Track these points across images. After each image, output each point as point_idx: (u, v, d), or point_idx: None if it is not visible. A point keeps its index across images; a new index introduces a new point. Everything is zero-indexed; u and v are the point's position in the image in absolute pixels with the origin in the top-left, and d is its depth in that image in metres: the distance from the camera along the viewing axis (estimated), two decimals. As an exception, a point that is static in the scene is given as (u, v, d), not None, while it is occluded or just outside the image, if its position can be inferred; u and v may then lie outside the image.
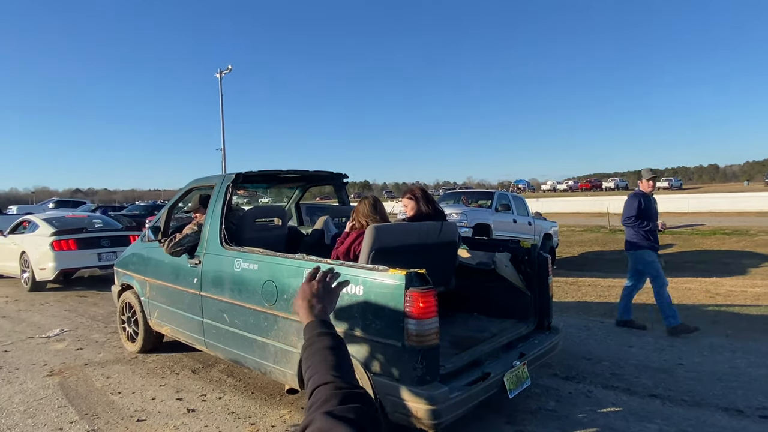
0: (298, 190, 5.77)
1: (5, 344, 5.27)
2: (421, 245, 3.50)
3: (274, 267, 3.37)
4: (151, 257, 4.66)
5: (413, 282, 2.60)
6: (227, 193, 4.01)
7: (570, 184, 67.16)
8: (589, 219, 24.61)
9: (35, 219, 8.95)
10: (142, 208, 18.62)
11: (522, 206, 11.50)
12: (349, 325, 2.83)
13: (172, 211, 4.82)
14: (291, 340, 3.21)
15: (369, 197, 3.71)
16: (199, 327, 4.01)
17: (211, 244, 3.93)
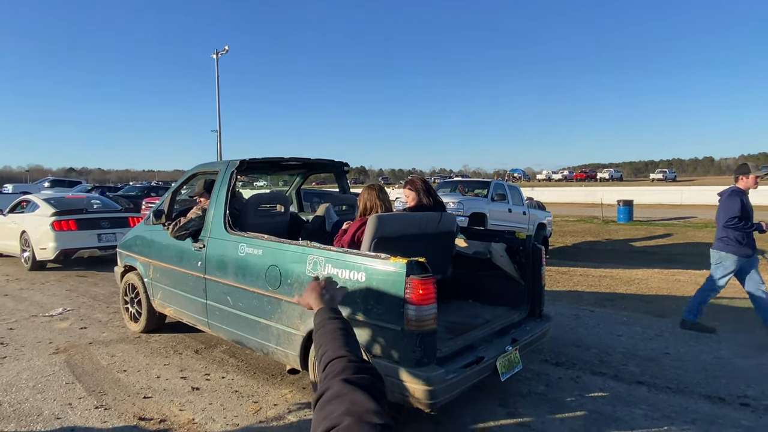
0: (299, 177, 5.87)
1: (9, 322, 5.38)
2: (421, 235, 3.62)
3: (278, 253, 3.48)
4: (154, 240, 4.76)
5: (414, 270, 2.73)
6: (231, 180, 4.10)
7: (565, 174, 67.33)
8: (583, 209, 24.81)
9: (35, 199, 8.99)
10: (138, 189, 18.60)
11: (517, 196, 11.63)
12: (352, 310, 2.96)
13: (175, 195, 4.91)
14: (294, 323, 3.36)
15: (375, 186, 3.83)
16: (203, 309, 4.13)
17: (216, 229, 4.04)
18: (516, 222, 10.98)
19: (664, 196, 29.69)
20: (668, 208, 25.99)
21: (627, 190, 32.45)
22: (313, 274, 3.24)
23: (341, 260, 3.10)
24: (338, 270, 3.10)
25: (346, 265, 3.06)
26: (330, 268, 3.14)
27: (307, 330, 3.30)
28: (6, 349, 4.52)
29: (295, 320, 3.35)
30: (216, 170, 4.43)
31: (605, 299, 6.61)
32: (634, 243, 13.66)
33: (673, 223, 17.96)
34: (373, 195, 3.66)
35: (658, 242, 13.80)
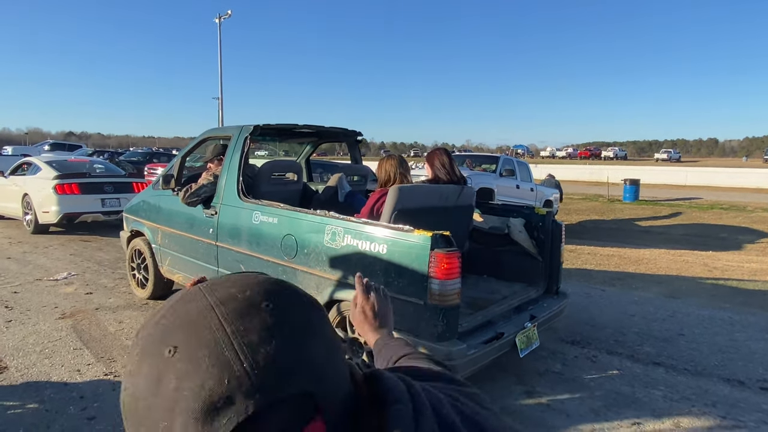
0: (310, 146, 5.72)
1: (14, 285, 5.31)
2: (441, 208, 3.56)
3: (294, 222, 3.41)
4: (162, 205, 4.64)
5: (438, 243, 2.68)
6: (245, 145, 3.98)
7: (569, 152, 66.80)
8: (588, 188, 24.65)
9: (37, 161, 8.83)
10: (140, 155, 18.40)
11: (526, 172, 11.48)
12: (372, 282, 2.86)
13: (185, 159, 4.78)
14: (310, 293, 3.23)
15: (395, 156, 3.73)
16: (214, 276, 4.02)
17: (228, 196, 3.94)
18: (523, 198, 10.85)
19: (669, 176, 29.45)
20: (673, 188, 25.82)
21: (632, 169, 32.16)
22: (331, 244, 3.16)
23: (361, 231, 3.02)
24: (358, 241, 3.02)
25: (366, 237, 2.98)
26: (349, 239, 3.07)
27: (323, 301, 3.22)
28: (11, 312, 4.46)
29: (311, 291, 3.27)
30: (228, 135, 4.29)
31: (615, 278, 6.54)
32: (640, 222, 13.57)
33: (678, 203, 17.84)
34: (394, 165, 3.57)
35: (664, 222, 13.71)
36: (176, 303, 0.46)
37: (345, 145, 5.68)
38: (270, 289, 0.48)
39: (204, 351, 0.41)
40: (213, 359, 0.40)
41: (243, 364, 0.40)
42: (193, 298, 0.46)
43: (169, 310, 0.46)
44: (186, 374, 0.40)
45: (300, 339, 0.44)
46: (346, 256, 3.09)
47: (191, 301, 0.45)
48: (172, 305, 0.46)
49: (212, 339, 0.41)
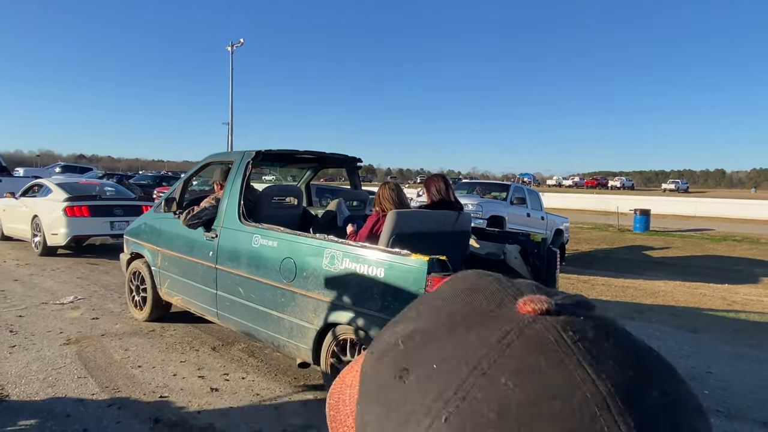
0: (310, 171, 5.79)
1: (19, 308, 5.21)
2: (438, 233, 3.62)
3: (294, 245, 3.47)
4: (163, 228, 4.68)
5: (434, 267, 2.74)
6: (247, 170, 4.06)
7: (576, 181, 66.89)
8: (597, 217, 24.49)
9: (48, 183, 8.83)
10: (150, 178, 18.51)
11: (536, 200, 11.38)
12: (368, 305, 2.97)
13: (188, 183, 4.89)
14: (307, 316, 3.34)
15: (390, 183, 3.83)
16: (212, 299, 4.07)
17: (229, 219, 3.99)
18: (534, 227, 10.73)
19: (678, 206, 29.24)
20: (683, 219, 25.61)
21: (640, 199, 31.99)
22: (330, 267, 3.20)
23: (360, 255, 3.07)
24: (356, 265, 3.07)
25: (364, 260, 3.03)
26: (348, 262, 3.12)
27: (320, 324, 3.26)
28: (15, 337, 4.35)
29: (308, 314, 3.34)
30: (230, 160, 4.39)
31: (633, 311, 6.36)
32: (651, 253, 13.38)
33: (690, 234, 17.63)
34: (390, 192, 3.67)
35: (677, 253, 13.51)
36: (523, 350, 0.27)
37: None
38: (688, 391, 0.29)
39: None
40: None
41: None
42: (563, 360, 0.27)
43: (510, 361, 0.27)
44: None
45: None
46: (345, 279, 3.13)
47: (560, 365, 0.27)
48: (508, 344, 0.28)
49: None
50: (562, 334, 0.27)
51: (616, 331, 0.29)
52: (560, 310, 0.29)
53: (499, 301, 0.31)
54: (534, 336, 0.28)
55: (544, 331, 0.28)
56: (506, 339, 0.28)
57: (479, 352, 0.27)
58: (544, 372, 0.26)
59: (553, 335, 0.28)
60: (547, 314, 0.29)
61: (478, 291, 0.33)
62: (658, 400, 0.26)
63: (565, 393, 0.25)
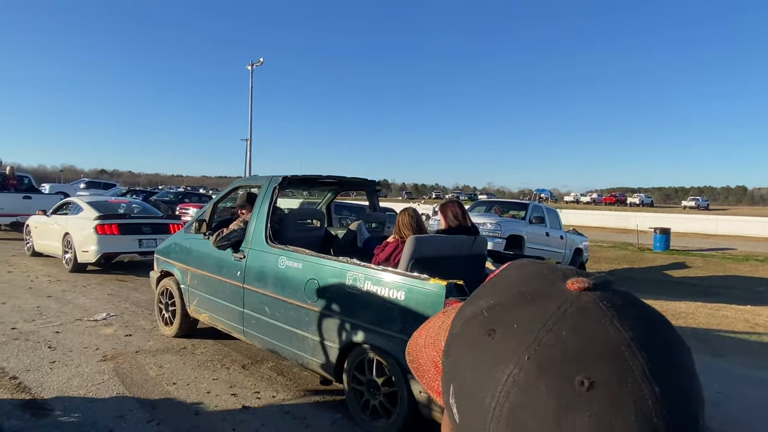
0: (331, 193, 6.03)
1: (55, 325, 5.41)
2: (455, 257, 3.79)
3: (318, 267, 3.66)
4: (193, 248, 4.89)
5: (452, 292, 2.86)
6: (273, 195, 4.29)
7: (594, 197, 66.25)
8: (615, 235, 24.29)
9: (79, 202, 9.15)
10: (173, 194, 18.92)
11: (555, 219, 11.41)
12: (389, 326, 3.12)
13: (217, 206, 5.13)
14: (330, 335, 3.51)
15: (409, 209, 4.02)
16: (239, 317, 4.26)
17: (257, 241, 4.19)
18: (553, 246, 10.76)
19: (699, 224, 28.84)
20: (704, 237, 25.26)
21: (660, 216, 31.67)
22: (352, 290, 3.37)
23: (381, 278, 3.23)
24: (377, 287, 3.24)
25: (385, 283, 3.20)
26: (369, 285, 3.29)
27: (342, 343, 3.43)
28: (54, 353, 4.54)
29: (331, 333, 3.51)
30: (258, 185, 4.66)
31: (654, 333, 6.35)
32: (672, 272, 13.27)
33: (711, 254, 17.40)
34: (410, 219, 3.86)
35: (698, 273, 13.37)
36: (572, 311, 0.40)
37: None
38: (679, 338, 0.42)
39: (629, 406, 0.35)
40: (638, 419, 0.35)
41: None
42: (598, 316, 0.39)
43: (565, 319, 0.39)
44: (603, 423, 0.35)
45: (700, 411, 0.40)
46: (366, 300, 3.29)
47: (595, 320, 0.39)
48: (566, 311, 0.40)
49: (640, 395, 0.36)
50: (599, 303, 0.40)
51: (633, 300, 0.42)
52: (595, 287, 0.42)
53: (551, 281, 0.43)
54: (582, 305, 0.40)
55: (588, 302, 0.40)
56: (563, 307, 0.40)
57: (545, 316, 0.39)
58: (589, 328, 0.38)
59: (594, 304, 0.40)
60: (587, 290, 0.41)
61: (536, 275, 0.45)
62: (660, 343, 0.39)
63: (603, 340, 0.38)
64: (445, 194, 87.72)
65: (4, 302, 6.22)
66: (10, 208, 11.85)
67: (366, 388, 3.36)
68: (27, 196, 12.47)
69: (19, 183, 13.66)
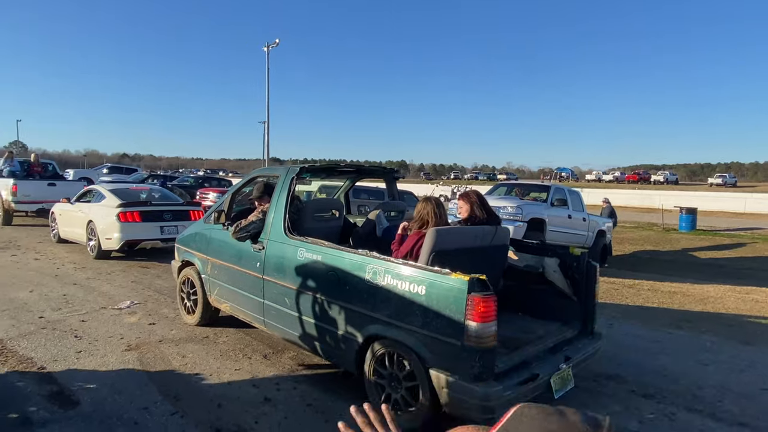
0: (349, 181, 5.98)
1: (81, 313, 5.51)
2: (477, 248, 3.72)
3: (337, 259, 3.63)
4: (213, 238, 4.90)
5: (475, 287, 2.81)
6: (291, 185, 4.25)
7: (616, 175, 64.70)
8: (639, 214, 23.85)
9: (101, 189, 9.27)
10: (192, 179, 19.09)
11: (578, 201, 11.16)
12: (409, 320, 3.09)
13: (235, 196, 5.12)
14: (350, 328, 3.49)
15: (431, 199, 3.87)
16: (260, 307, 4.27)
17: (275, 232, 4.17)
18: (575, 229, 10.56)
19: (726, 203, 28.14)
20: (732, 216, 24.64)
21: (685, 194, 30.87)
22: (372, 283, 3.33)
23: (401, 272, 3.19)
24: (398, 281, 3.19)
25: (406, 277, 3.15)
26: (389, 278, 3.25)
27: (362, 336, 3.42)
28: (81, 342, 4.61)
29: (351, 326, 3.49)
30: (275, 175, 4.62)
31: (682, 320, 6.22)
32: (698, 254, 12.97)
33: (739, 234, 16.96)
34: (431, 208, 3.72)
35: (725, 254, 13.05)
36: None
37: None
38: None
39: None
40: None
41: None
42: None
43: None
44: None
45: None
46: (386, 294, 3.25)
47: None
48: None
49: None
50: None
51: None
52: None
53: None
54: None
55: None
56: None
57: None
58: None
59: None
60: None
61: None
62: None
63: None
64: (464, 174, 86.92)
65: (31, 290, 6.36)
66: (36, 196, 12.07)
67: (387, 382, 3.34)
68: (52, 183, 12.69)
69: (44, 170, 13.92)
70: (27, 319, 5.22)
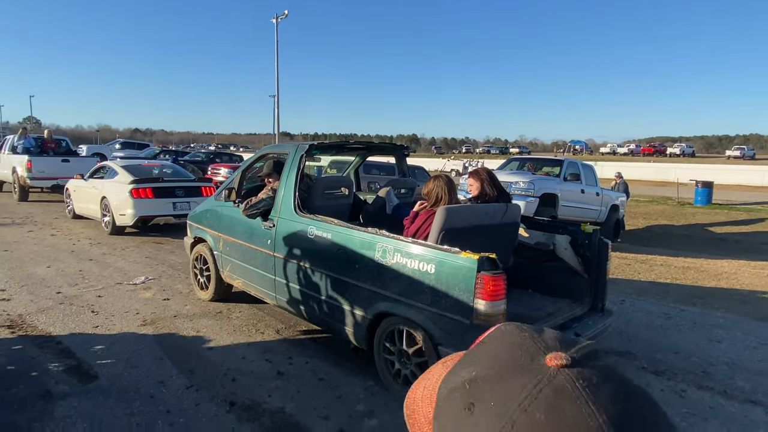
0: (359, 158, 5.96)
1: (97, 288, 5.61)
2: (487, 226, 3.68)
3: (347, 238, 3.65)
4: (224, 215, 4.94)
5: (485, 266, 2.82)
6: (301, 163, 4.26)
7: (631, 148, 63.51)
8: (654, 188, 23.53)
9: (114, 166, 9.33)
10: (203, 155, 19.12)
11: (591, 175, 11.02)
12: (419, 298, 3.11)
13: (245, 173, 5.12)
14: (360, 305, 3.53)
15: (442, 176, 3.83)
16: (271, 284, 4.33)
17: (285, 210, 4.19)
18: (588, 204, 10.46)
19: (744, 176, 27.62)
20: (749, 190, 24.22)
21: (701, 168, 30.35)
22: (382, 261, 3.35)
23: (411, 250, 3.19)
24: (407, 260, 3.20)
25: (415, 256, 3.15)
26: (399, 257, 3.26)
27: (372, 313, 3.45)
28: (97, 317, 4.71)
29: (361, 303, 3.54)
30: (285, 152, 4.62)
31: (694, 296, 6.17)
32: (713, 229, 12.80)
33: (756, 208, 16.68)
34: (442, 186, 3.67)
35: (741, 229, 12.87)
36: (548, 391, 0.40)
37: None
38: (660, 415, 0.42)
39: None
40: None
41: None
42: (572, 398, 0.40)
43: (541, 400, 0.40)
44: None
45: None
46: (396, 272, 3.27)
47: (570, 402, 0.39)
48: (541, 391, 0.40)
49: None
50: (575, 382, 0.40)
51: (613, 377, 0.42)
52: (574, 362, 0.42)
53: (532, 355, 0.43)
54: (558, 385, 0.40)
55: (564, 381, 0.41)
56: (539, 386, 0.41)
57: (521, 395, 0.40)
58: (563, 410, 0.39)
59: (570, 384, 0.40)
60: (566, 366, 0.42)
61: (517, 345, 0.45)
62: (636, 425, 0.39)
63: (576, 423, 0.38)
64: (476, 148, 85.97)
65: (48, 266, 6.47)
66: (51, 172, 12.21)
67: (397, 358, 3.38)
68: (65, 159, 12.80)
69: (57, 146, 14.01)
70: (45, 294, 5.33)
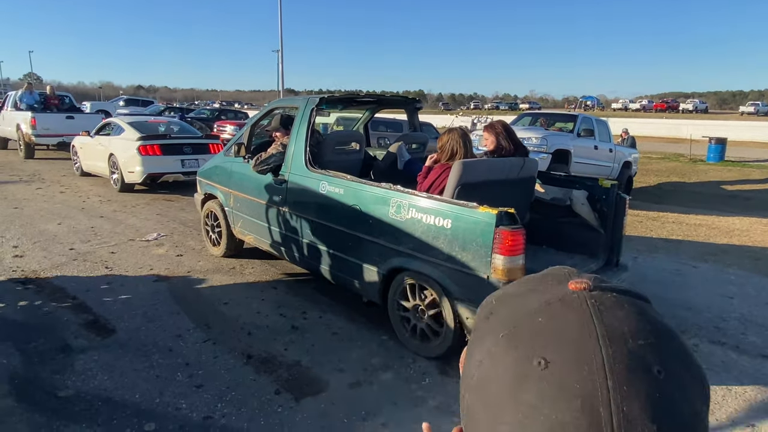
0: (369, 112, 5.85)
1: (110, 245, 5.64)
2: (503, 181, 3.61)
3: (360, 193, 3.61)
4: (234, 171, 4.89)
5: (503, 221, 2.81)
6: (311, 117, 4.17)
7: (643, 104, 62.10)
8: (666, 145, 23.13)
9: (120, 122, 9.22)
10: (209, 112, 18.90)
11: (605, 131, 10.78)
12: (434, 254, 3.09)
13: (254, 128, 5.05)
14: (374, 260, 3.53)
15: (457, 129, 3.71)
16: (283, 239, 4.34)
17: (296, 165, 4.14)
18: (601, 160, 10.29)
19: (758, 132, 26.99)
20: (763, 146, 23.74)
21: (714, 124, 29.62)
22: (396, 216, 3.33)
23: (426, 206, 3.16)
24: (422, 215, 3.17)
25: (431, 211, 3.12)
26: (414, 212, 3.23)
27: (386, 269, 3.45)
28: (112, 273, 4.75)
29: (375, 258, 3.54)
30: (294, 106, 4.54)
31: (706, 253, 6.14)
32: (726, 186, 12.62)
33: (771, 165, 16.39)
34: (457, 139, 3.56)
35: (754, 186, 12.69)
36: (557, 303, 0.43)
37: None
38: (664, 347, 0.41)
39: (577, 389, 0.38)
40: (584, 405, 0.37)
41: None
42: (578, 310, 0.42)
43: (547, 309, 0.43)
44: (550, 400, 0.38)
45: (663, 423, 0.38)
46: (411, 228, 3.25)
47: (574, 312, 0.42)
48: (551, 303, 0.43)
49: (590, 382, 0.38)
50: (586, 300, 0.42)
51: (633, 307, 0.43)
52: (595, 288, 0.43)
53: (559, 280, 0.46)
54: (568, 299, 0.43)
55: (576, 298, 0.43)
56: (551, 300, 0.43)
57: (533, 306, 0.43)
58: (566, 317, 0.41)
59: (580, 300, 0.42)
60: (585, 290, 0.43)
61: (551, 274, 0.48)
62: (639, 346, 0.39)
63: (573, 328, 0.40)
64: (484, 104, 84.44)
65: (59, 223, 6.50)
66: (55, 129, 12.08)
67: (412, 313, 3.39)
68: (70, 116, 12.63)
69: (60, 102, 13.84)
70: (58, 251, 5.37)
